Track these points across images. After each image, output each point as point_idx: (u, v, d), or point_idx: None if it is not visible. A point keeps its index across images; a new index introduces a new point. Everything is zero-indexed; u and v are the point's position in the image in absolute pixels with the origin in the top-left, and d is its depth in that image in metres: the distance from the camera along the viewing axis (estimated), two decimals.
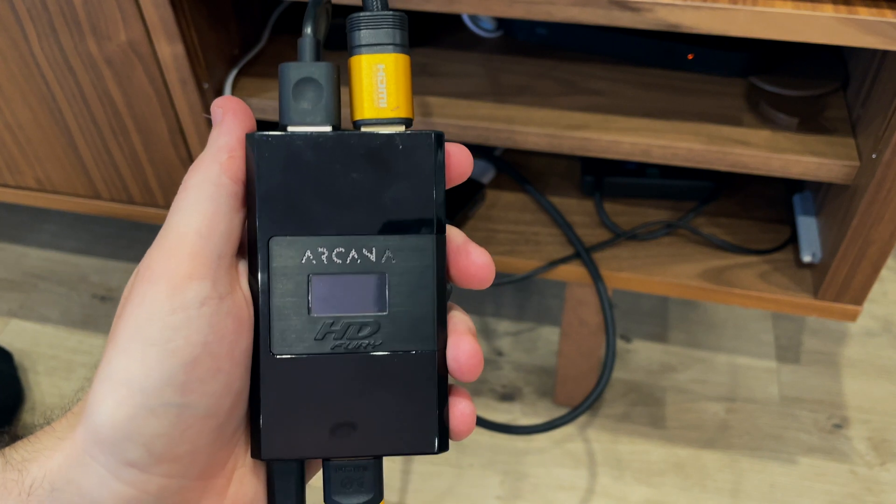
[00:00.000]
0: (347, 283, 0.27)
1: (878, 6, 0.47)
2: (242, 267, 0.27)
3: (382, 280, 0.27)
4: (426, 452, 0.27)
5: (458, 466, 0.79)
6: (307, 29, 0.28)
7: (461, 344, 0.27)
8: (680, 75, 0.65)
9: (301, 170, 0.26)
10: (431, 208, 0.27)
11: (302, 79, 0.27)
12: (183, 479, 0.25)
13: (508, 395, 0.84)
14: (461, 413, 0.28)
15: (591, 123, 0.60)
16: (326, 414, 0.27)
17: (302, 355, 0.27)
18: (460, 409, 0.28)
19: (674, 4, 0.48)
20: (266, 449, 0.27)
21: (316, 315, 0.27)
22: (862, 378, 0.86)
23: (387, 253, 0.27)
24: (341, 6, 0.50)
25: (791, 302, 0.65)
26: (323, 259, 0.27)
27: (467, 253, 0.28)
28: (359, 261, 0.27)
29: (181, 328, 0.24)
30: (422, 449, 0.27)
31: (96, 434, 0.24)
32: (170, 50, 0.58)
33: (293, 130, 0.27)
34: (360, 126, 0.28)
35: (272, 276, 0.27)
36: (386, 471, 0.80)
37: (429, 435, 0.27)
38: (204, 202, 0.25)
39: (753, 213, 0.72)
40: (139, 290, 0.25)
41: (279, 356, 0.27)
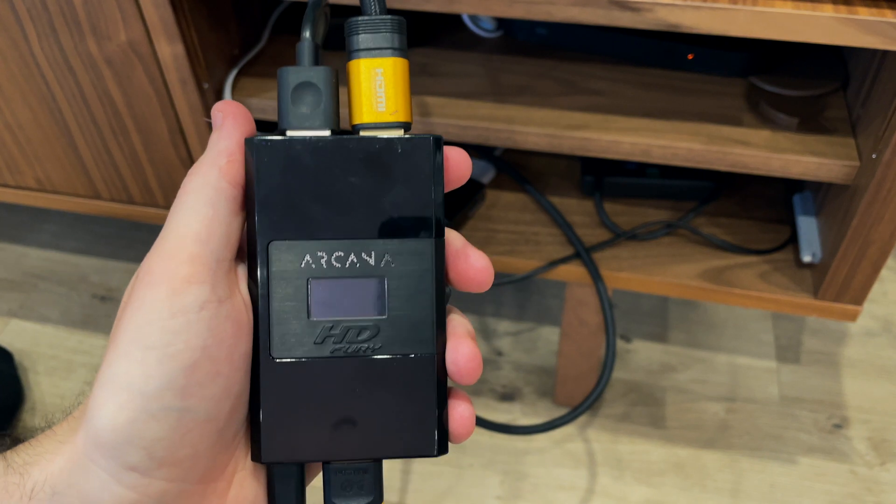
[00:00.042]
0: (347, 287, 0.27)
1: (878, 6, 0.47)
2: (241, 271, 0.27)
3: (381, 284, 0.27)
4: (426, 455, 0.27)
5: (458, 466, 0.79)
6: (305, 33, 0.28)
7: (460, 347, 0.27)
8: (680, 75, 0.65)
9: (300, 174, 0.26)
10: (430, 212, 0.27)
11: (301, 83, 0.27)
12: (184, 483, 0.25)
13: (508, 395, 0.85)
14: (460, 416, 0.28)
15: (591, 123, 0.60)
16: (326, 417, 0.27)
17: (301, 359, 0.27)
18: (459, 412, 0.28)
19: (674, 4, 0.48)
20: (266, 452, 0.27)
21: (315, 319, 0.27)
22: (862, 378, 0.86)
23: (386, 257, 0.27)
24: (342, 6, 0.50)
25: (791, 302, 0.65)
26: (322, 263, 0.27)
27: (466, 256, 0.28)
28: (358, 265, 0.27)
29: (181, 332, 0.24)
30: (421, 452, 0.27)
31: (97, 438, 0.24)
32: (170, 50, 0.58)
33: (292, 135, 0.27)
34: (359, 130, 0.28)
35: (271, 280, 0.27)
36: (386, 471, 0.80)
37: (428, 438, 0.27)
38: (203, 206, 0.25)
39: (753, 213, 0.72)
40: (139, 294, 0.25)
41: (279, 360, 0.27)
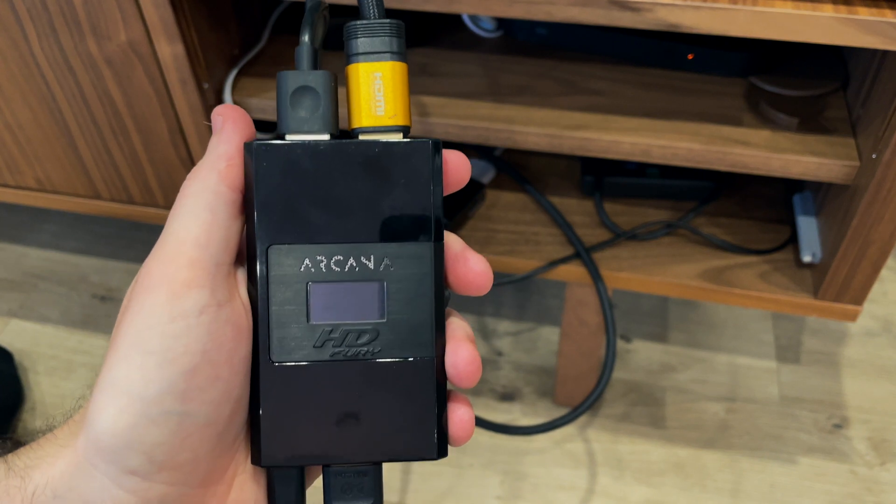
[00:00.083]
0: (346, 291, 0.27)
1: (878, 6, 0.47)
2: (241, 275, 0.27)
3: (381, 287, 0.27)
4: (426, 458, 0.28)
5: (458, 466, 0.79)
6: (304, 37, 0.27)
7: (459, 350, 0.27)
8: (680, 75, 0.65)
9: (299, 178, 0.26)
10: (429, 215, 0.27)
11: (299, 87, 0.27)
12: (184, 487, 0.26)
13: (508, 396, 0.84)
14: (460, 419, 0.28)
15: (591, 123, 0.60)
16: (326, 421, 0.27)
17: (301, 363, 0.27)
18: (459, 416, 0.28)
19: (674, 4, 0.48)
20: (266, 456, 0.27)
21: (315, 323, 0.27)
22: (862, 378, 0.86)
23: (385, 260, 0.27)
24: (342, 6, 0.50)
25: (791, 302, 0.65)
26: (321, 267, 0.27)
27: (465, 260, 0.28)
28: (357, 268, 0.27)
29: (180, 336, 0.24)
30: (421, 455, 0.27)
31: (98, 442, 0.24)
32: (170, 50, 0.58)
33: (291, 139, 0.27)
34: (358, 134, 0.28)
35: (271, 285, 0.27)
36: (386, 471, 0.80)
37: (428, 441, 0.27)
38: (202, 210, 0.25)
39: (753, 213, 0.72)
40: (138, 299, 0.25)
41: (278, 363, 0.27)
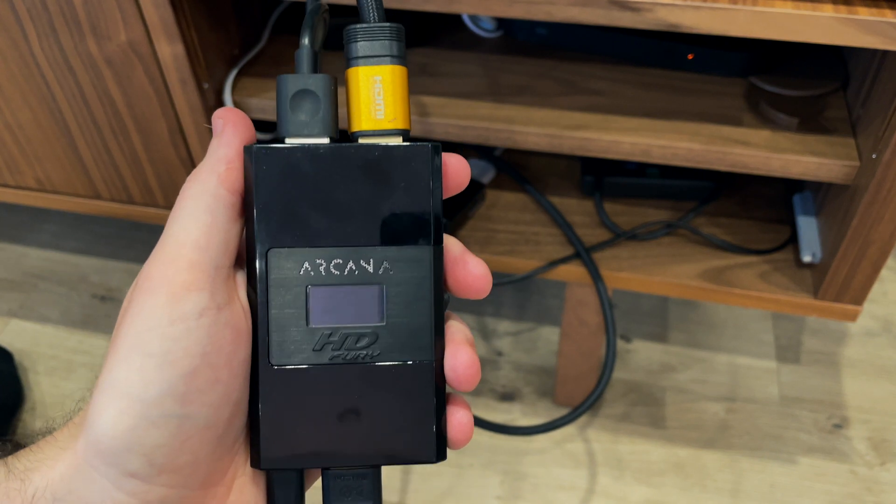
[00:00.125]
0: (345, 295, 0.27)
1: (878, 6, 0.47)
2: (240, 277, 0.27)
3: (380, 291, 0.27)
4: (424, 462, 0.28)
5: (458, 466, 0.79)
6: (304, 40, 0.27)
7: (458, 354, 0.27)
8: (680, 75, 0.65)
9: (299, 182, 0.26)
10: (429, 219, 0.27)
11: (299, 91, 0.27)
12: (184, 489, 0.26)
13: (508, 396, 0.84)
14: (459, 422, 0.28)
15: (591, 123, 0.60)
16: (325, 424, 0.27)
17: (300, 366, 0.27)
18: (458, 419, 0.28)
19: (674, 4, 0.48)
20: (266, 459, 0.27)
21: (314, 326, 0.27)
22: (862, 378, 0.86)
23: (384, 264, 0.27)
24: (341, 6, 0.50)
25: (791, 302, 0.65)
26: (321, 270, 0.27)
27: (465, 263, 0.28)
28: (357, 272, 0.27)
29: (180, 339, 0.24)
30: (420, 458, 0.28)
31: (97, 445, 0.24)
32: (170, 50, 0.58)
33: (291, 142, 0.27)
34: (358, 137, 0.28)
35: (270, 288, 0.27)
36: (386, 471, 0.80)
37: (427, 444, 0.27)
38: (201, 213, 0.25)
39: (753, 213, 0.72)
40: (138, 301, 0.25)
41: (278, 367, 0.27)
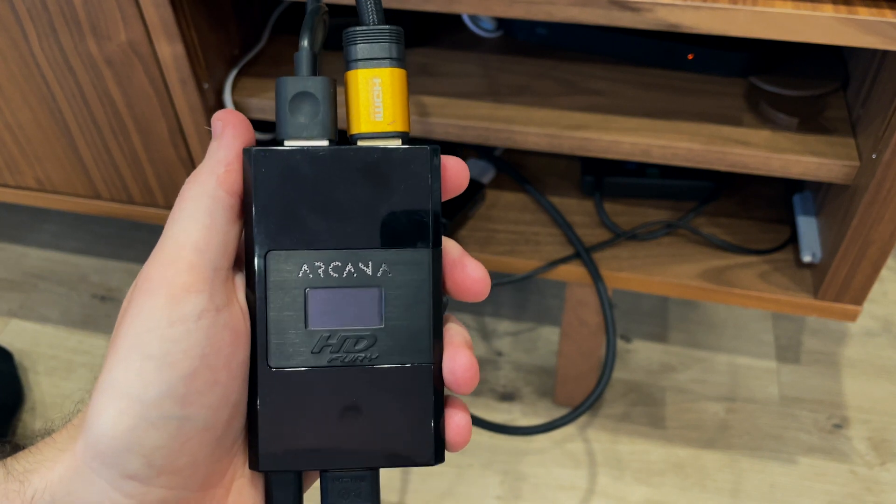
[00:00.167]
0: (344, 297, 0.27)
1: (878, 6, 0.47)
2: (239, 279, 0.27)
3: (379, 294, 0.27)
4: (422, 464, 0.28)
5: (458, 466, 0.79)
6: (303, 42, 0.27)
7: (457, 357, 0.27)
8: (680, 75, 0.65)
9: (298, 184, 0.26)
10: (428, 222, 0.27)
11: (298, 93, 0.27)
12: (183, 491, 0.26)
13: (508, 396, 0.84)
14: (457, 425, 0.28)
15: (591, 123, 0.60)
16: (323, 426, 0.27)
17: (299, 368, 0.27)
18: (456, 421, 0.28)
19: (674, 4, 0.48)
20: (264, 461, 0.27)
21: (313, 328, 0.27)
22: (862, 378, 0.86)
23: (383, 267, 0.27)
24: (342, 6, 0.50)
25: (791, 302, 0.65)
26: (320, 273, 0.27)
27: (463, 266, 0.28)
28: (355, 275, 0.27)
29: (179, 341, 0.24)
30: (418, 461, 0.28)
31: (97, 446, 0.24)
32: (170, 50, 0.58)
33: (290, 145, 0.27)
34: (357, 140, 0.28)
35: (269, 290, 0.27)
36: (386, 471, 0.80)
37: (425, 447, 0.27)
38: (200, 215, 0.26)
39: (753, 213, 0.72)
40: (137, 302, 0.25)
41: (276, 369, 0.27)
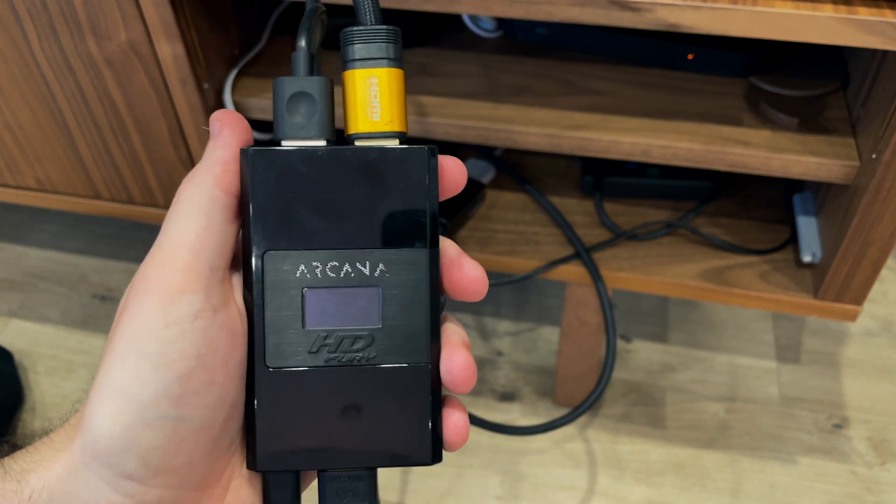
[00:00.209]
0: (341, 297, 0.27)
1: (878, 6, 0.47)
2: (236, 279, 0.27)
3: (376, 294, 0.27)
4: (420, 464, 0.28)
5: (458, 466, 0.79)
6: (301, 42, 0.27)
7: (454, 356, 0.27)
8: (680, 75, 0.65)
9: (295, 184, 0.26)
10: (425, 222, 0.27)
11: (296, 93, 0.27)
12: (180, 490, 0.26)
13: (508, 395, 0.84)
14: (454, 425, 0.28)
15: (591, 123, 0.60)
16: (321, 426, 0.27)
17: (296, 368, 0.27)
18: (454, 421, 0.28)
19: (674, 4, 0.48)
20: (261, 461, 0.27)
21: (310, 328, 0.27)
22: (862, 378, 0.85)
23: (380, 266, 0.27)
24: (341, 6, 0.50)
25: (791, 302, 0.65)
26: (317, 273, 0.27)
27: (461, 266, 0.28)
28: (353, 274, 0.27)
29: (175, 341, 0.24)
30: (416, 460, 0.28)
31: (94, 446, 0.24)
32: (170, 50, 0.58)
33: (287, 145, 0.27)
34: (354, 140, 0.28)
35: (266, 290, 0.27)
36: (386, 471, 0.80)
37: (422, 447, 0.27)
38: (197, 215, 0.26)
39: (753, 213, 0.72)
40: (134, 303, 0.25)
41: (273, 369, 0.27)
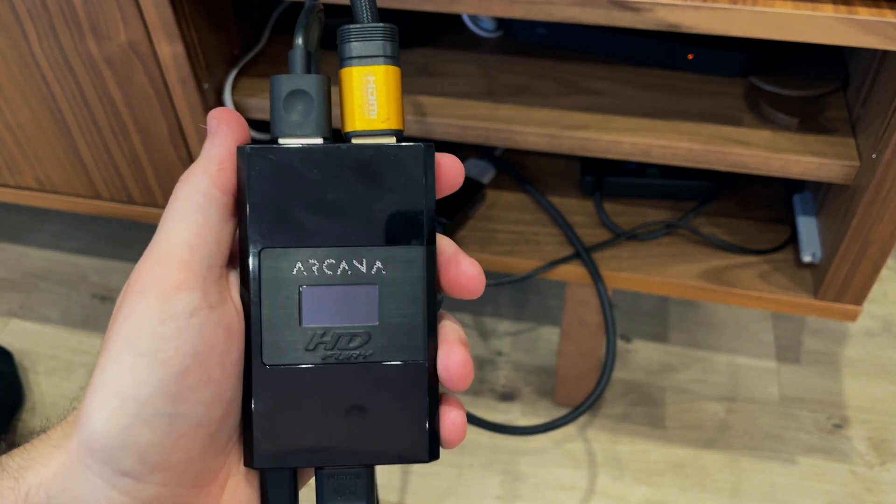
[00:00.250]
0: (338, 294, 0.27)
1: (878, 6, 0.47)
2: (233, 277, 0.27)
3: (373, 291, 0.27)
4: (417, 461, 0.28)
5: (458, 466, 0.79)
6: (298, 40, 0.27)
7: (451, 354, 0.27)
8: (680, 75, 0.65)
9: (292, 182, 0.26)
10: (422, 219, 0.27)
11: (293, 91, 0.27)
12: (177, 488, 0.26)
13: (508, 395, 0.84)
14: (451, 422, 0.28)
15: (591, 123, 0.60)
16: (318, 423, 0.27)
17: (293, 365, 0.27)
18: (451, 419, 0.28)
19: (674, 4, 0.48)
20: (258, 458, 0.27)
21: (307, 326, 0.27)
22: (862, 378, 0.85)
23: (377, 264, 0.27)
24: (340, 5, 0.50)
25: (791, 302, 0.65)
26: (314, 270, 0.27)
27: (458, 263, 0.28)
28: (350, 272, 0.27)
29: (171, 339, 0.24)
30: (413, 458, 0.28)
31: (91, 444, 0.24)
32: (170, 50, 0.58)
33: (284, 143, 0.27)
34: (351, 138, 0.28)
35: (263, 288, 0.27)
36: (386, 471, 0.80)
37: (419, 444, 0.27)
38: (193, 213, 0.26)
39: (753, 213, 0.72)
40: (130, 301, 0.25)
41: (270, 366, 0.27)
